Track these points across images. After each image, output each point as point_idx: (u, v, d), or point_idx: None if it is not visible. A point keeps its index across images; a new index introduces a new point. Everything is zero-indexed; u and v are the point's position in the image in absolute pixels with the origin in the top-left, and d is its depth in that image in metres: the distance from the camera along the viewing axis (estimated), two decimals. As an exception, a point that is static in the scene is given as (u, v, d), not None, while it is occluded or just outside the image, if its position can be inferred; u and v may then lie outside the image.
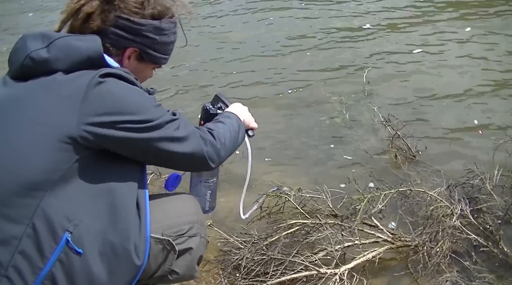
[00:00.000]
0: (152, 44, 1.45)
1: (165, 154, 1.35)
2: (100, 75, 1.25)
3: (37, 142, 1.22)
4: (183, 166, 1.50)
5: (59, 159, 1.21)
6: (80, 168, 1.24)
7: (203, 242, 1.59)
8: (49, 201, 1.20)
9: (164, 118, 1.33)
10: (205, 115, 1.73)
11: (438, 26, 5.09)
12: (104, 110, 1.23)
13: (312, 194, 2.31)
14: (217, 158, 1.46)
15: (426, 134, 3.23)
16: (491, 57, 4.34)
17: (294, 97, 3.94)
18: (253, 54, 4.82)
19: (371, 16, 5.57)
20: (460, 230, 2.14)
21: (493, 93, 3.72)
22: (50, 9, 6.71)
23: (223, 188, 2.80)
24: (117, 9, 1.38)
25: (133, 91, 1.31)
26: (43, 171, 1.21)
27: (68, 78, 1.25)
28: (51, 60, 1.26)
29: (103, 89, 1.24)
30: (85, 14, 1.36)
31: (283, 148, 3.25)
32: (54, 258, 1.20)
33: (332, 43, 4.92)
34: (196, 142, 1.40)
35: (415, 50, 4.60)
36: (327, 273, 1.96)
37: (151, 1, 1.42)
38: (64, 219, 1.21)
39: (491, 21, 5.04)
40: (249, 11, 6.10)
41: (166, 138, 1.33)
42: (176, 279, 1.55)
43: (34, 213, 1.19)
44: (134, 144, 1.29)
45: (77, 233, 1.22)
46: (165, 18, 1.45)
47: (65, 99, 1.23)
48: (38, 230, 1.19)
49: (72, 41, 1.29)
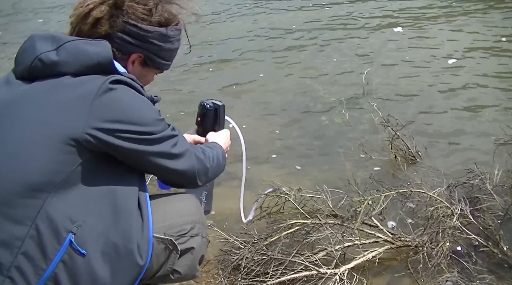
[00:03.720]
0: (157, 50, 1.47)
1: (158, 167, 1.38)
2: (111, 81, 1.26)
3: (41, 143, 1.22)
4: (171, 180, 1.51)
5: (63, 161, 1.22)
6: (83, 171, 1.25)
7: (204, 241, 1.59)
8: (52, 202, 1.21)
9: (164, 133, 1.36)
10: (202, 111, 1.73)
11: (437, 25, 5.10)
12: (109, 117, 1.25)
13: (312, 194, 2.31)
14: (204, 178, 1.51)
15: (426, 134, 3.23)
16: (491, 54, 4.36)
17: (294, 97, 3.94)
18: (253, 54, 4.83)
19: (372, 16, 5.58)
20: (460, 230, 2.14)
21: (494, 93, 3.72)
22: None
23: (223, 188, 2.80)
24: (125, 15, 1.40)
25: (140, 102, 1.33)
26: (47, 173, 1.21)
27: (75, 81, 1.26)
28: (60, 63, 1.27)
29: (112, 96, 1.26)
30: (94, 19, 1.37)
31: (283, 148, 3.25)
32: (57, 259, 1.21)
33: (332, 43, 4.93)
34: (190, 161, 1.44)
35: (415, 50, 4.61)
36: (327, 273, 1.96)
37: (159, 8, 1.44)
38: (67, 220, 1.22)
39: (490, 14, 5.05)
40: (249, 8, 6.13)
41: (163, 153, 1.36)
42: (178, 278, 1.55)
43: (37, 215, 1.19)
44: (131, 153, 1.31)
45: (80, 234, 1.22)
46: (171, 25, 1.47)
47: (72, 102, 1.23)
48: (41, 231, 1.19)
49: (81, 45, 1.29)
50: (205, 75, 4.47)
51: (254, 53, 4.85)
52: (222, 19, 5.94)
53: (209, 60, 4.77)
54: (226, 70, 4.57)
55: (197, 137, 1.78)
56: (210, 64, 4.68)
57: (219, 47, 5.09)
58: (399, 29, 5.14)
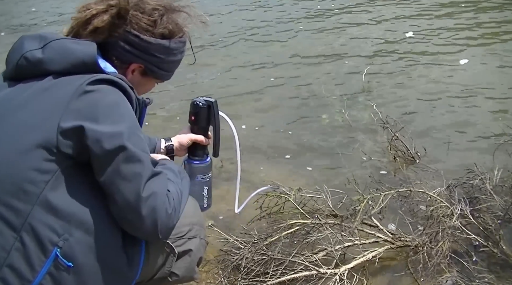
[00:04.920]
0: (158, 62, 1.43)
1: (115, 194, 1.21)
2: (90, 82, 1.21)
3: (23, 148, 1.18)
4: (122, 222, 1.26)
5: (43, 169, 1.17)
6: (66, 180, 1.19)
7: (202, 243, 1.59)
8: (37, 214, 1.17)
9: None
10: (195, 109, 1.70)
11: (437, 26, 5.11)
12: (82, 117, 1.17)
13: (312, 194, 2.31)
14: (166, 233, 1.30)
15: (425, 134, 3.24)
16: (491, 55, 4.36)
17: (294, 97, 3.94)
18: (252, 53, 4.84)
19: (371, 16, 5.59)
20: (460, 230, 2.14)
21: (494, 93, 3.72)
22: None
23: (223, 188, 2.80)
24: (128, 24, 1.35)
25: (119, 109, 1.23)
26: (29, 182, 1.17)
27: (56, 83, 1.22)
28: (45, 61, 1.24)
29: (88, 99, 1.19)
30: (94, 27, 1.33)
31: (282, 147, 3.25)
32: (44, 271, 1.18)
33: (331, 42, 4.94)
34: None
35: (415, 50, 4.62)
36: (327, 273, 1.96)
37: (164, 19, 1.39)
38: (52, 233, 1.18)
39: (488, 28, 5.06)
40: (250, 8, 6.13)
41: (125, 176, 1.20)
42: (176, 281, 1.55)
43: (22, 227, 1.16)
44: (97, 163, 1.21)
45: (67, 247, 1.19)
46: (175, 38, 1.43)
47: (50, 105, 1.19)
48: (27, 244, 1.16)
49: (68, 44, 1.27)
50: (199, 73, 4.47)
51: (253, 53, 4.85)
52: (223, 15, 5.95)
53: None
54: (223, 67, 4.57)
55: (193, 136, 1.74)
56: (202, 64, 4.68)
57: (217, 45, 5.10)
58: (401, 29, 5.14)
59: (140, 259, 1.32)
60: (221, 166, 2.97)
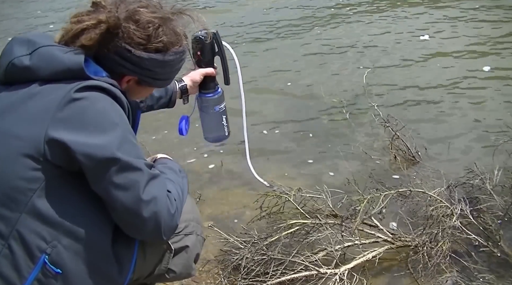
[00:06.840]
0: (153, 75, 1.37)
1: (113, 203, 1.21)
2: (77, 89, 1.17)
3: (9, 157, 1.17)
4: (124, 226, 1.27)
5: (30, 178, 1.16)
6: (55, 189, 1.18)
7: (199, 240, 1.58)
8: (25, 222, 1.16)
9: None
10: (200, 44, 1.68)
11: (438, 27, 5.10)
12: (69, 129, 1.15)
13: (312, 194, 2.31)
14: (170, 234, 1.32)
15: (426, 134, 3.23)
16: (491, 55, 4.35)
17: (294, 97, 3.94)
18: (251, 54, 4.83)
19: (372, 16, 5.58)
20: (460, 230, 2.14)
21: (494, 93, 3.72)
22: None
23: (223, 187, 2.81)
24: (121, 39, 1.28)
25: (109, 116, 1.20)
26: (16, 190, 1.16)
27: (42, 91, 1.20)
28: (32, 68, 1.21)
29: (75, 107, 1.16)
30: (81, 44, 1.26)
31: (283, 147, 3.25)
32: (32, 278, 1.18)
33: (331, 41, 4.93)
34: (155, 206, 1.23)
35: (415, 50, 4.61)
36: (327, 273, 1.96)
37: (159, 32, 1.31)
38: (40, 240, 1.17)
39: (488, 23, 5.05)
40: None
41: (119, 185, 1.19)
42: (173, 277, 1.55)
43: (10, 234, 1.16)
44: (89, 175, 1.20)
45: (55, 254, 1.18)
46: (171, 49, 1.35)
47: (36, 114, 1.17)
48: (15, 251, 1.16)
49: (55, 51, 1.23)
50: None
51: (251, 53, 4.85)
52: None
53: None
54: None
55: (203, 70, 1.73)
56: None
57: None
58: (401, 28, 5.13)
59: (131, 264, 1.31)
60: (221, 165, 2.98)
